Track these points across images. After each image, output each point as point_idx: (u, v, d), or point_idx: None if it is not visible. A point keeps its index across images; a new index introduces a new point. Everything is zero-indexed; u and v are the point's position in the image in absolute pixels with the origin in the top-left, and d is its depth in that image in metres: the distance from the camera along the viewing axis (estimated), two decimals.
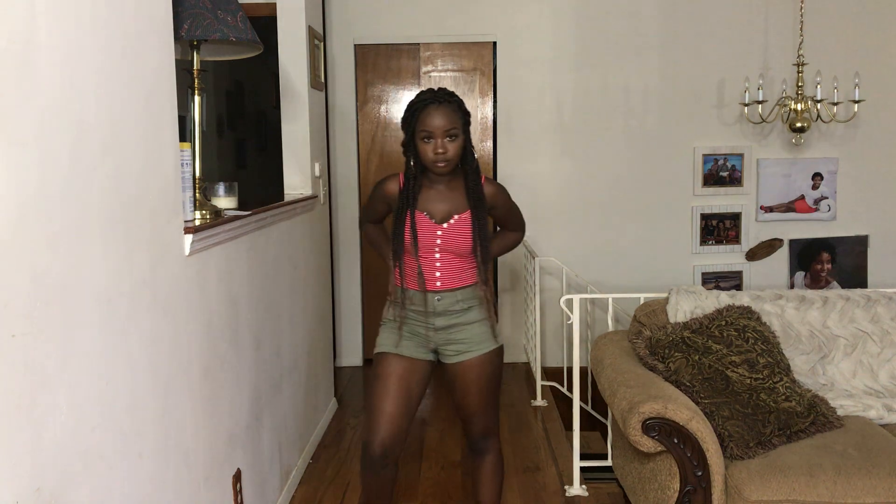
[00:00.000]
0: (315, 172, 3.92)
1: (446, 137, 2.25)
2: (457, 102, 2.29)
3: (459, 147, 2.28)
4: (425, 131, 2.25)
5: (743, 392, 2.56)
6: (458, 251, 2.33)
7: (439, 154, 2.25)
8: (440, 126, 2.23)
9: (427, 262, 2.34)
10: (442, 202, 2.36)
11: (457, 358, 2.38)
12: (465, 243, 2.32)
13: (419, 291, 2.35)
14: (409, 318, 2.38)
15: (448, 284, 2.34)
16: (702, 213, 5.10)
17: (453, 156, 2.27)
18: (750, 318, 2.78)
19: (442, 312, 2.35)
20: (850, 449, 2.46)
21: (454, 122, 2.25)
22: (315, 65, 4.00)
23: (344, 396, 4.54)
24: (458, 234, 2.32)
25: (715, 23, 4.99)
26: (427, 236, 2.32)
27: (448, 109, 2.25)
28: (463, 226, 2.33)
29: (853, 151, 5.08)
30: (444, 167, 2.27)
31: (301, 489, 3.27)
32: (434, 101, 2.25)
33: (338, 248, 5.11)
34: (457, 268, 2.35)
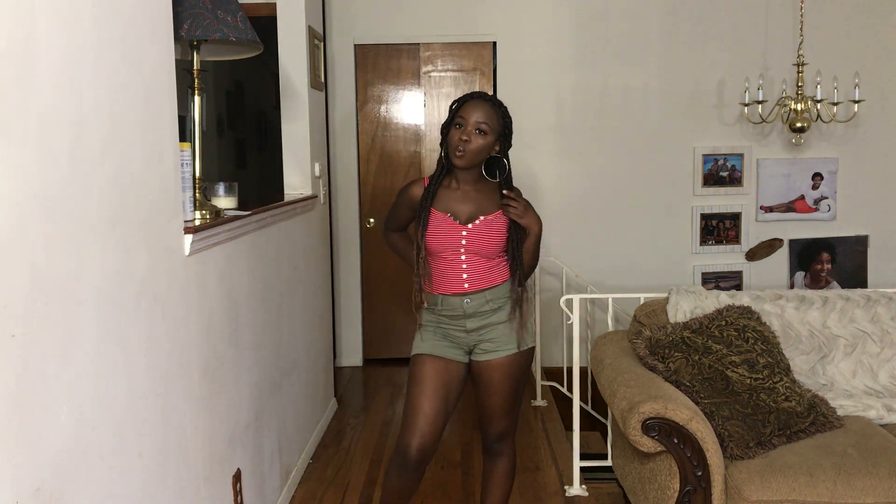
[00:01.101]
0: (315, 172, 3.92)
1: (476, 130, 2.26)
2: (501, 108, 2.33)
3: (486, 146, 2.29)
4: (460, 118, 2.29)
5: (743, 392, 2.56)
6: (485, 252, 2.32)
7: (462, 141, 2.26)
8: (473, 117, 2.27)
9: (452, 264, 2.33)
10: (467, 203, 2.35)
11: (484, 356, 2.38)
12: (492, 245, 2.32)
13: (448, 295, 2.34)
14: (442, 323, 2.38)
15: (476, 285, 2.33)
16: (702, 213, 5.10)
17: (476, 149, 2.27)
18: (750, 318, 2.78)
19: (472, 314, 2.34)
20: (850, 449, 2.45)
21: (489, 118, 2.28)
22: (315, 65, 4.00)
23: (344, 396, 4.54)
24: (484, 236, 2.31)
25: (715, 23, 4.99)
26: (451, 237, 2.31)
27: (489, 107, 2.30)
28: (489, 227, 2.32)
29: (853, 151, 5.08)
30: (462, 157, 2.27)
31: (301, 489, 3.27)
32: (480, 98, 2.32)
33: (338, 248, 5.11)
34: (483, 268, 2.34)
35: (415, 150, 5.14)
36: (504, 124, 2.33)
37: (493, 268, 2.35)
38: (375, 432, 3.95)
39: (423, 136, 5.13)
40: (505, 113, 2.34)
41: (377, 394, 4.61)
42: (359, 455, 3.65)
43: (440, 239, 2.32)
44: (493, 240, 2.31)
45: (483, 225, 2.31)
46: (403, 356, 5.13)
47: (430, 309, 2.39)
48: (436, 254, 2.34)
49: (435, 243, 2.32)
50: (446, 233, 2.31)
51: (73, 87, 1.46)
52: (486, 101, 2.30)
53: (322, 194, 4.12)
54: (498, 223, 2.33)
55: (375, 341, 5.21)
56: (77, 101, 1.47)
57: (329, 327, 4.27)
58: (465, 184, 2.36)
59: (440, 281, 2.35)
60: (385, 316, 5.16)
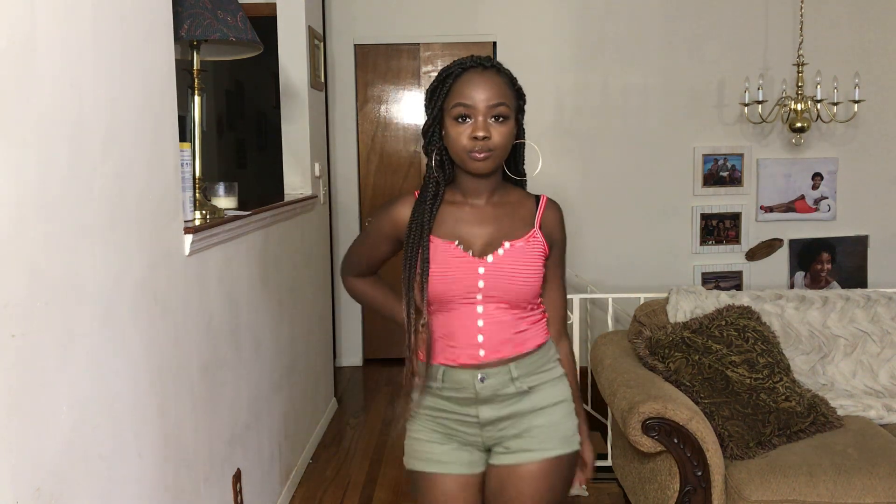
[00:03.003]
0: (315, 172, 3.92)
1: (492, 117, 1.52)
2: (508, 76, 1.59)
3: (510, 135, 1.56)
4: (461, 105, 1.52)
5: (743, 392, 2.56)
6: (514, 297, 1.58)
7: (479, 139, 1.51)
8: (484, 99, 1.51)
9: (461, 318, 1.58)
10: (482, 224, 1.61)
11: (507, 458, 1.61)
12: (524, 286, 1.58)
13: (452, 367, 1.59)
14: (441, 410, 1.63)
15: (496, 353, 1.58)
16: (702, 213, 5.10)
17: (500, 144, 1.53)
18: (750, 318, 2.78)
19: (489, 398, 1.59)
20: (850, 449, 2.45)
21: (505, 96, 1.54)
22: (315, 65, 4.00)
23: (344, 396, 4.54)
24: (511, 272, 1.57)
25: (715, 23, 4.99)
26: (462, 277, 1.56)
27: (498, 79, 1.55)
28: (518, 258, 1.58)
29: (853, 151, 5.08)
30: (486, 161, 1.53)
31: (301, 489, 3.27)
32: (478, 66, 1.55)
33: (338, 248, 5.11)
34: (508, 325, 1.59)
35: (415, 150, 5.14)
36: (517, 95, 1.61)
37: (524, 323, 1.61)
38: (375, 432, 3.95)
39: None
40: (513, 79, 1.62)
41: (377, 394, 4.61)
42: (359, 455, 3.65)
43: (447, 280, 1.56)
44: (524, 277, 1.58)
45: (509, 256, 1.58)
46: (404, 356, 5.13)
47: (428, 388, 1.64)
48: (439, 304, 1.59)
49: (440, 287, 1.56)
50: (455, 270, 1.56)
51: (73, 87, 1.46)
52: (489, 69, 1.56)
53: (322, 194, 4.12)
54: (532, 251, 1.60)
55: (375, 341, 5.21)
56: (77, 101, 1.47)
57: (329, 327, 4.27)
58: (475, 195, 1.62)
59: (442, 345, 1.61)
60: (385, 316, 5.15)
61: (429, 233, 1.57)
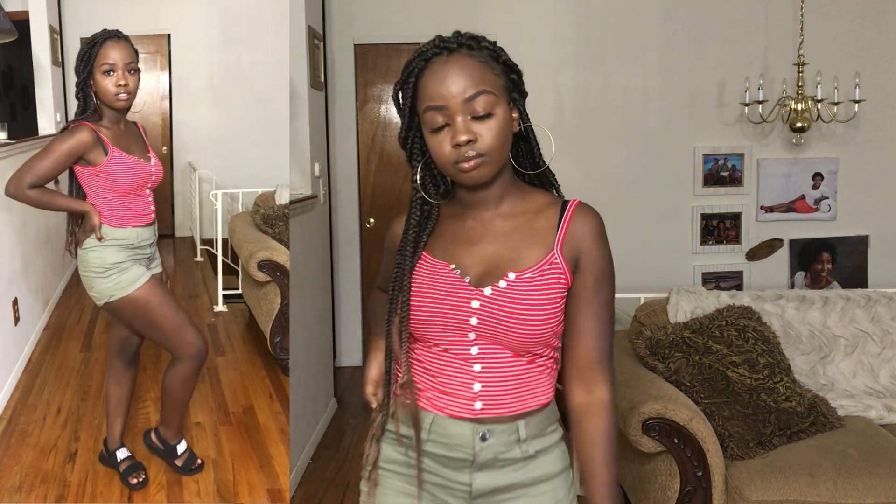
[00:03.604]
0: (315, 172, 3.92)
1: (471, 115, 1.19)
2: (487, 50, 1.24)
3: (504, 127, 1.22)
4: (431, 109, 1.21)
5: (743, 392, 2.56)
6: (515, 344, 1.25)
7: (463, 145, 1.19)
8: (456, 93, 1.19)
9: (456, 359, 1.27)
10: (485, 243, 1.28)
11: None
12: (532, 328, 1.23)
13: (445, 417, 1.28)
14: (427, 469, 1.32)
15: (497, 407, 1.27)
16: (702, 213, 5.09)
17: (493, 144, 1.20)
18: (750, 318, 2.78)
19: (487, 463, 1.28)
20: (851, 449, 2.45)
21: (485, 80, 1.21)
22: (315, 65, 4.00)
23: (344, 396, 4.53)
24: (514, 312, 1.23)
25: (715, 23, 4.98)
26: (452, 308, 1.25)
27: (470, 62, 1.21)
28: (528, 293, 1.23)
29: (853, 151, 5.08)
30: (479, 169, 1.21)
31: (301, 489, 3.26)
32: (442, 51, 1.22)
33: (338, 248, 5.11)
34: (515, 373, 1.27)
35: None
36: (504, 71, 1.25)
37: (533, 371, 1.29)
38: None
39: None
40: (495, 53, 1.25)
41: None
42: (359, 455, 3.64)
43: (433, 310, 1.26)
44: (529, 320, 1.23)
45: (513, 291, 1.23)
46: None
47: (405, 440, 1.34)
48: (425, 338, 1.29)
49: (423, 317, 1.26)
50: (445, 299, 1.26)
51: None
52: (456, 53, 1.21)
53: (322, 194, 4.12)
54: (545, 283, 1.24)
55: None
56: None
57: (329, 327, 4.27)
58: (478, 207, 1.30)
59: (429, 386, 1.30)
60: None
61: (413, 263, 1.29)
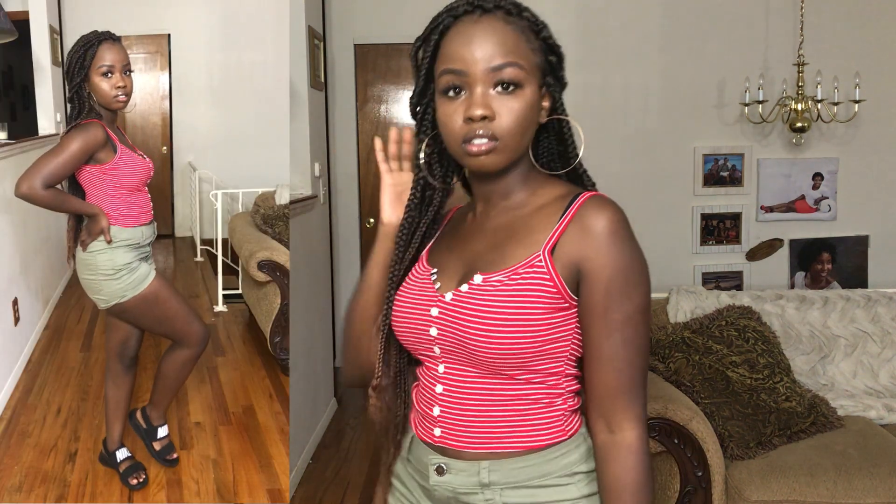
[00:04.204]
0: (315, 172, 3.92)
1: (494, 86, 1.02)
2: (528, 21, 1.05)
3: (527, 110, 1.03)
4: (449, 72, 1.04)
5: (743, 392, 2.56)
6: (483, 360, 1.03)
7: (476, 121, 1.01)
8: (481, 59, 1.02)
9: (426, 377, 1.12)
10: (474, 242, 1.11)
11: None
12: (495, 343, 1.01)
13: (417, 438, 1.14)
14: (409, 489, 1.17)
15: (457, 440, 1.08)
16: (702, 213, 5.09)
17: (510, 127, 1.02)
18: (750, 318, 2.78)
19: (445, 502, 1.10)
20: (851, 449, 2.45)
21: (517, 52, 1.02)
22: (315, 65, 4.00)
23: (344, 396, 4.54)
24: (472, 322, 1.03)
25: (715, 23, 4.98)
26: (415, 318, 1.10)
27: (504, 28, 1.03)
28: (493, 299, 1.02)
29: (853, 151, 5.08)
30: (489, 154, 1.02)
31: (301, 489, 3.26)
32: (476, 9, 1.05)
33: (338, 248, 5.11)
34: (481, 401, 1.06)
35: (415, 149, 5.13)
36: (545, 49, 1.06)
37: (513, 402, 1.05)
38: (375, 433, 3.94)
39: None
40: (537, 25, 1.06)
41: None
42: (359, 455, 3.65)
43: (400, 319, 1.12)
44: (490, 331, 1.01)
45: (475, 296, 1.04)
46: None
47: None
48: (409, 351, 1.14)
49: (396, 328, 1.13)
50: (412, 307, 1.11)
51: None
52: (500, 13, 1.04)
53: (322, 194, 4.12)
54: (516, 289, 1.02)
55: None
56: None
57: (329, 327, 4.27)
58: (480, 199, 1.13)
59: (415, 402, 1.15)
60: None
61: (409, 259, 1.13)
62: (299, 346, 3.43)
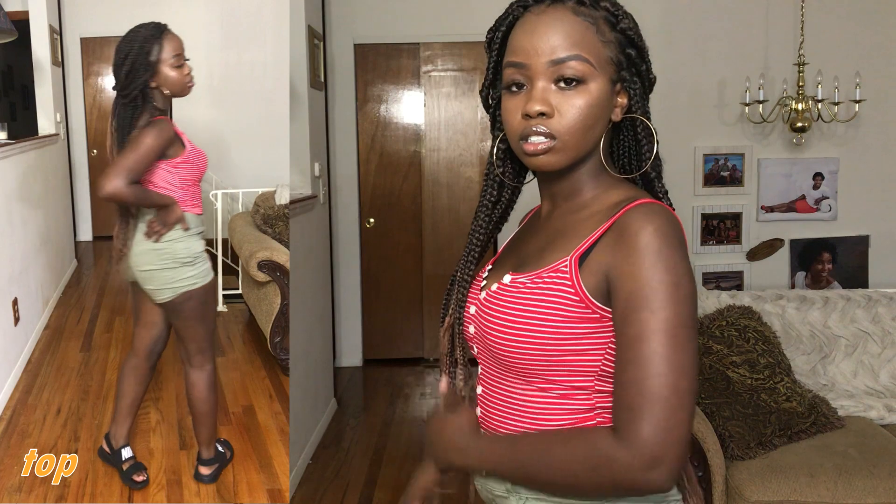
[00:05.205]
0: (315, 172, 3.92)
1: (556, 80, 0.98)
2: (606, 11, 1.00)
3: (590, 109, 0.99)
4: (511, 64, 1.01)
5: (743, 392, 2.56)
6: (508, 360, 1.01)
7: (531, 117, 0.98)
8: (543, 51, 0.98)
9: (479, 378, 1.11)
10: (529, 244, 1.09)
11: None
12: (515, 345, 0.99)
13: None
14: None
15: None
16: (702, 213, 5.09)
17: (571, 125, 0.98)
18: (751, 318, 2.78)
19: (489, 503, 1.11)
20: (851, 449, 2.45)
21: (583, 43, 0.98)
22: (315, 64, 3.99)
23: (343, 397, 4.53)
24: (494, 322, 1.02)
25: (715, 23, 4.98)
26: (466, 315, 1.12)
27: (571, 18, 0.99)
28: (514, 301, 1.01)
29: (854, 151, 5.07)
30: (546, 154, 0.99)
31: (301, 489, 3.26)
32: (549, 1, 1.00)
33: (338, 248, 5.11)
34: (512, 403, 1.04)
35: (415, 150, 5.14)
36: (621, 42, 1.02)
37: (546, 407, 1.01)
38: (375, 433, 3.94)
39: (423, 136, 5.13)
40: (614, 16, 1.01)
41: (377, 394, 4.61)
42: (358, 455, 3.65)
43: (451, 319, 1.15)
44: (509, 332, 1.00)
45: (501, 297, 1.03)
46: (403, 356, 5.15)
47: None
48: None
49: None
50: (463, 304, 1.13)
51: None
52: (568, 7, 0.99)
53: (322, 194, 4.12)
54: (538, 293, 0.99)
55: (375, 341, 5.20)
56: None
57: (329, 327, 4.27)
58: (546, 199, 1.10)
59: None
60: (385, 316, 5.15)
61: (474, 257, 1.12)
62: (299, 346, 3.43)
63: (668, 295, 0.91)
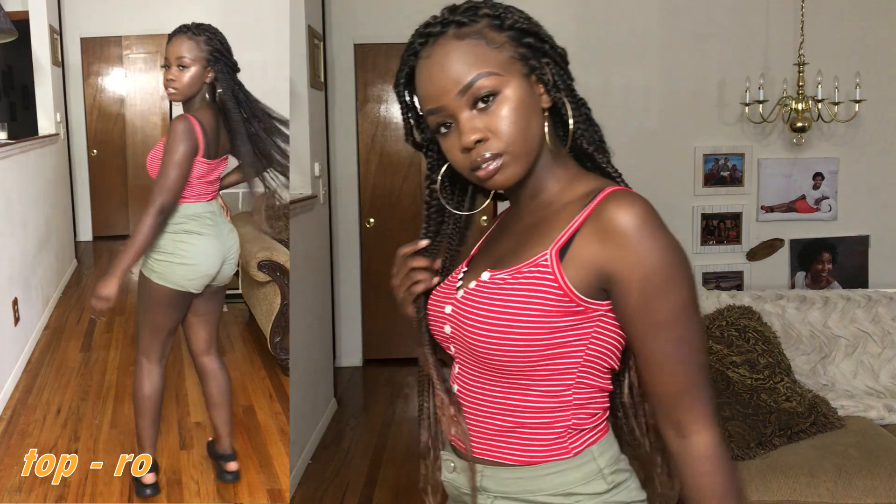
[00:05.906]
0: (315, 172, 3.92)
1: (473, 105, 0.98)
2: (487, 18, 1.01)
3: (517, 112, 0.98)
4: (430, 112, 1.02)
5: (744, 392, 2.55)
6: (487, 360, 1.00)
7: (472, 148, 0.99)
8: (448, 88, 0.98)
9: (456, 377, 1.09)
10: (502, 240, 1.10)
11: None
12: (496, 345, 0.98)
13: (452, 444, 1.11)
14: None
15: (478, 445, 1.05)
16: (702, 213, 5.09)
17: (509, 134, 0.98)
18: (751, 318, 2.78)
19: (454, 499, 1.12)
20: (851, 449, 2.45)
21: (480, 59, 0.98)
22: (315, 65, 3.99)
23: (343, 397, 4.53)
24: (473, 321, 1.01)
25: (715, 23, 4.98)
26: (435, 316, 1.10)
27: (455, 45, 0.99)
28: (493, 298, 0.99)
29: (854, 151, 5.07)
30: (501, 172, 0.99)
31: (301, 489, 3.26)
32: (426, 41, 1.03)
33: (337, 248, 5.11)
34: (486, 405, 1.03)
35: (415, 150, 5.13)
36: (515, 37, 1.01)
37: (522, 410, 1.01)
38: (375, 433, 3.94)
39: None
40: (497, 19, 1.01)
41: (377, 394, 4.60)
42: (358, 455, 3.65)
43: (430, 317, 1.12)
44: (489, 332, 0.98)
45: (479, 294, 1.01)
46: (403, 356, 5.14)
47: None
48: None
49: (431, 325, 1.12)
50: (434, 304, 1.11)
51: None
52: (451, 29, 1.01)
53: (322, 194, 4.12)
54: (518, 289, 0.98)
55: (375, 341, 5.20)
56: None
57: (329, 327, 4.27)
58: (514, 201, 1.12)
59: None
60: (385, 316, 5.15)
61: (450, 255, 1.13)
62: (299, 346, 3.43)
63: (680, 272, 0.96)
